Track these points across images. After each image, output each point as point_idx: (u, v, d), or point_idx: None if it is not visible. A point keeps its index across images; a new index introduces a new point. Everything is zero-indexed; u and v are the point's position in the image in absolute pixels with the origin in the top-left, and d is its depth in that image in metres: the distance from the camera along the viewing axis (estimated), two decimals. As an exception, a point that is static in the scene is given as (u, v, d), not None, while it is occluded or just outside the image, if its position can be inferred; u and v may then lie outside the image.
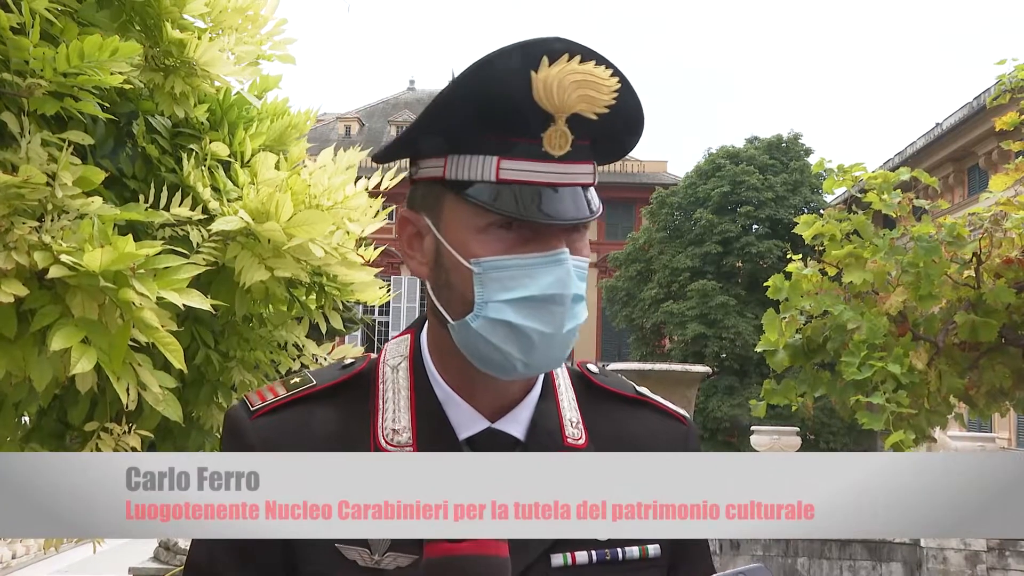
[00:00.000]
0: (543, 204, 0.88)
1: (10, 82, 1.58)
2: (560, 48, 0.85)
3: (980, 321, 4.47)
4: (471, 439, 0.96)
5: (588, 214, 0.90)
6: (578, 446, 0.97)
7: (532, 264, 0.88)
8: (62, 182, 1.56)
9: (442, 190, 0.92)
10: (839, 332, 4.68)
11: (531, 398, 0.98)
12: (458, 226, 0.91)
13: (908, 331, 4.63)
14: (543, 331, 0.88)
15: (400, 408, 0.97)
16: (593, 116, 0.88)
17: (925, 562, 9.86)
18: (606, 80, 0.87)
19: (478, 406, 0.96)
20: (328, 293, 2.13)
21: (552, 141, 0.87)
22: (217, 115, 2.09)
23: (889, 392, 4.27)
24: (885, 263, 4.64)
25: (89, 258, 1.44)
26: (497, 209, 0.87)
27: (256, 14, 1.99)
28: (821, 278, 5.04)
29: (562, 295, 0.88)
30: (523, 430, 0.97)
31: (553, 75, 0.85)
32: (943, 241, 4.58)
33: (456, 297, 0.92)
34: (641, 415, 1.04)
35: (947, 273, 4.59)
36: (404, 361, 1.01)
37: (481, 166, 0.88)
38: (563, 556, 0.93)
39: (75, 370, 1.43)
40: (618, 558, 0.95)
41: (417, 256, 0.97)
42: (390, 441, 0.94)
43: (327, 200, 1.91)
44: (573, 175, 0.89)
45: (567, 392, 1.02)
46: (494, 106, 0.87)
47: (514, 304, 0.88)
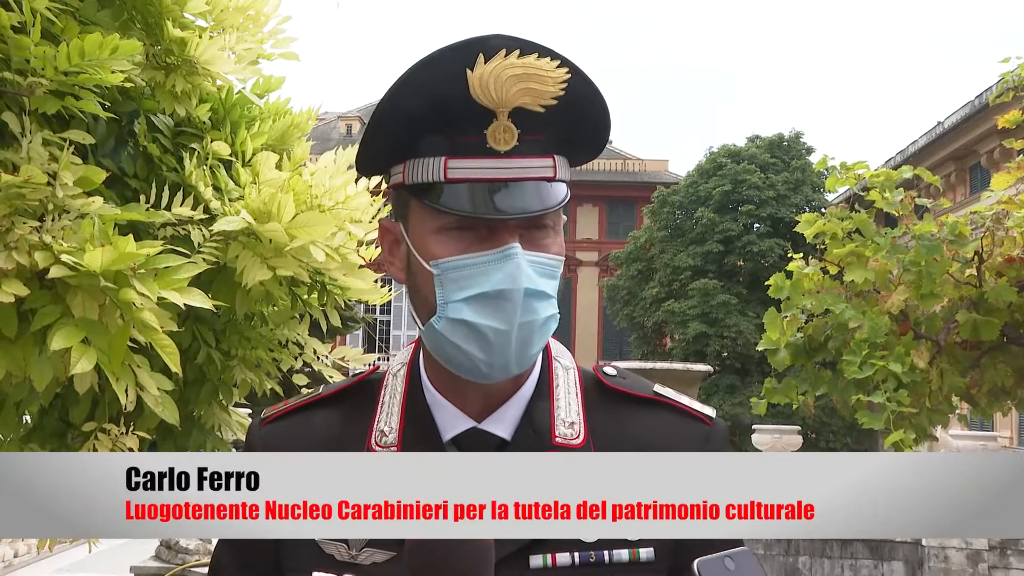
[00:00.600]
0: (491, 200, 0.88)
1: (11, 81, 1.57)
2: (497, 44, 0.86)
3: (982, 320, 4.46)
4: (456, 439, 0.96)
5: (541, 207, 0.89)
6: (570, 446, 0.96)
7: (484, 261, 0.89)
8: (63, 182, 1.56)
9: (407, 195, 0.94)
10: (840, 331, 4.68)
11: (520, 398, 0.98)
12: (420, 229, 0.92)
13: (910, 330, 4.62)
14: (497, 328, 0.88)
15: (393, 412, 0.98)
16: (539, 109, 0.88)
17: (927, 561, 9.86)
18: (551, 72, 0.87)
19: (464, 407, 0.97)
20: (330, 292, 2.13)
21: (496, 136, 0.88)
22: (219, 114, 2.09)
23: (890, 391, 4.26)
24: (887, 262, 4.63)
25: (90, 258, 1.44)
26: (447, 208, 0.88)
27: (258, 13, 1.99)
28: (822, 277, 5.04)
29: (511, 290, 0.88)
30: (509, 430, 0.97)
31: (489, 71, 0.85)
32: (945, 240, 4.57)
33: (422, 300, 0.93)
34: (655, 417, 1.02)
35: (949, 272, 4.59)
36: (403, 368, 1.03)
37: (431, 168, 0.89)
38: (543, 557, 0.91)
39: (75, 370, 1.43)
40: (604, 561, 0.92)
41: (396, 263, 0.99)
42: (378, 442, 0.96)
43: (329, 200, 1.91)
44: (523, 169, 0.89)
45: (568, 393, 1.00)
46: (435, 106, 0.88)
47: (470, 302, 0.89)
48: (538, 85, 0.87)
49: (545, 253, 0.91)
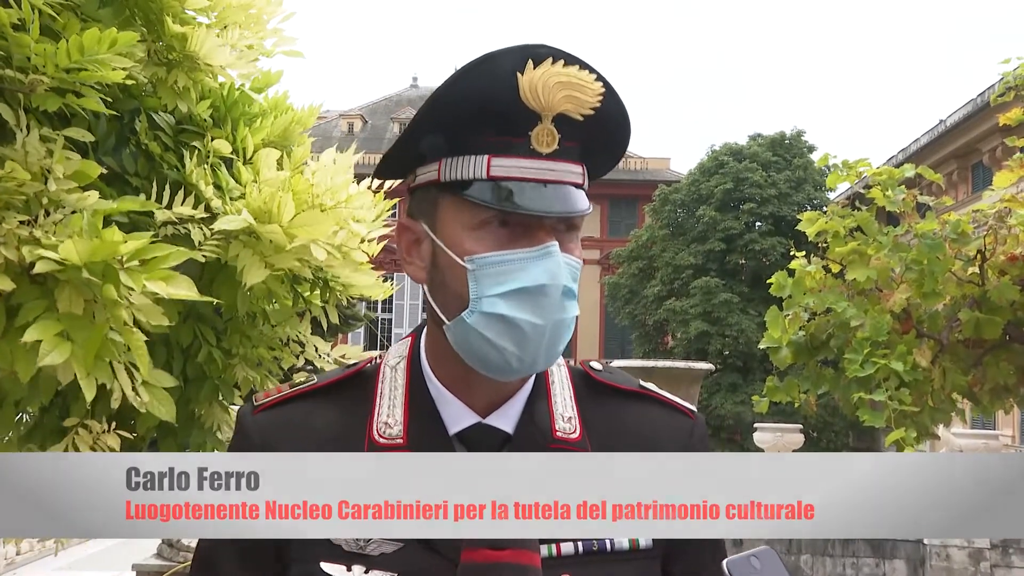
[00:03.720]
0: (532, 199, 0.91)
1: (12, 78, 1.57)
2: (544, 52, 0.90)
3: (984, 318, 4.46)
4: (461, 434, 0.98)
5: (576, 210, 0.93)
6: (570, 439, 0.99)
7: (523, 258, 0.91)
8: (55, 175, 1.55)
9: (437, 193, 0.96)
10: (842, 329, 4.67)
11: (523, 394, 1.01)
12: (453, 226, 0.95)
13: (912, 328, 4.62)
14: (534, 322, 0.91)
15: (395, 404, 1.00)
16: (579, 117, 0.92)
17: (928, 559, 9.86)
18: (590, 84, 0.92)
19: (470, 403, 0.99)
20: (332, 289, 2.13)
21: (540, 139, 0.91)
22: (221, 112, 2.09)
23: (892, 389, 4.26)
24: (889, 260, 4.62)
25: (65, 249, 1.42)
26: (489, 203, 0.91)
27: (259, 12, 1.99)
28: (824, 275, 5.03)
29: (551, 285, 0.91)
30: (513, 424, 0.99)
31: (538, 77, 0.90)
32: (947, 238, 4.56)
33: (451, 296, 0.95)
34: (643, 409, 1.06)
35: (951, 270, 4.58)
36: (402, 361, 1.04)
37: (473, 165, 0.92)
38: (548, 547, 0.93)
39: (43, 362, 1.42)
40: (606, 549, 0.95)
41: (416, 262, 1.01)
42: (382, 434, 0.98)
43: (329, 200, 1.91)
44: (561, 172, 0.93)
45: (563, 389, 1.04)
46: (484, 107, 0.91)
47: (507, 297, 0.91)
48: (580, 94, 0.91)
49: (572, 255, 0.95)
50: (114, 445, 1.82)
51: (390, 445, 0.97)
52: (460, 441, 0.98)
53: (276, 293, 2.02)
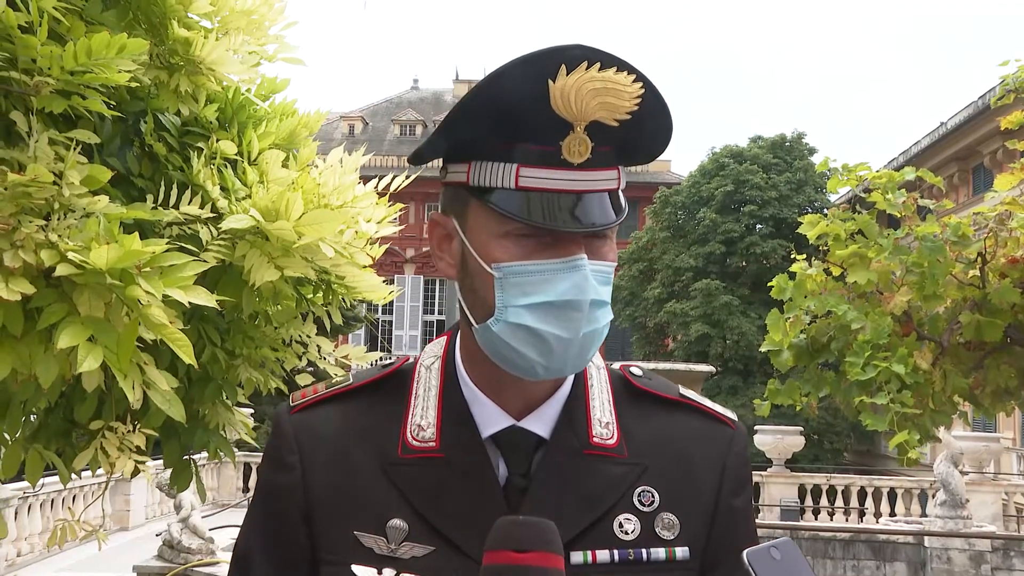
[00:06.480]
0: (563, 211, 0.88)
1: (18, 80, 1.58)
2: (579, 55, 0.85)
3: (985, 321, 4.46)
4: (495, 436, 0.97)
5: (609, 220, 0.90)
6: (606, 446, 0.97)
7: (551, 270, 0.89)
8: (69, 181, 1.56)
9: (467, 195, 0.93)
10: (843, 332, 4.68)
11: (559, 396, 0.99)
12: (480, 231, 0.92)
13: (912, 331, 4.62)
14: (561, 336, 0.89)
15: (429, 405, 0.99)
16: (614, 123, 0.87)
17: (929, 562, 9.84)
18: (628, 87, 0.87)
19: (504, 404, 0.97)
20: (335, 291, 2.14)
21: (571, 149, 0.87)
22: (227, 114, 2.09)
23: (893, 392, 4.26)
24: (889, 263, 4.63)
25: (95, 255, 1.44)
26: (516, 216, 0.88)
27: (262, 18, 1.99)
28: (825, 278, 5.04)
29: (579, 301, 0.88)
30: (548, 428, 0.97)
31: (571, 84, 0.85)
32: (948, 241, 4.57)
33: (479, 301, 0.93)
34: (682, 418, 1.03)
35: (952, 273, 4.58)
36: (437, 361, 1.03)
37: (501, 173, 0.89)
38: (583, 554, 0.92)
39: (82, 368, 1.43)
40: (642, 559, 0.93)
41: (446, 258, 0.99)
42: (415, 436, 0.97)
43: (336, 199, 1.91)
44: (594, 182, 0.89)
45: (601, 393, 1.02)
46: (513, 115, 0.87)
47: (532, 309, 0.89)
48: (615, 100, 0.86)
49: (604, 261, 0.92)
50: (140, 443, 1.83)
51: (423, 448, 0.96)
52: (494, 444, 0.96)
53: (282, 294, 2.02)
